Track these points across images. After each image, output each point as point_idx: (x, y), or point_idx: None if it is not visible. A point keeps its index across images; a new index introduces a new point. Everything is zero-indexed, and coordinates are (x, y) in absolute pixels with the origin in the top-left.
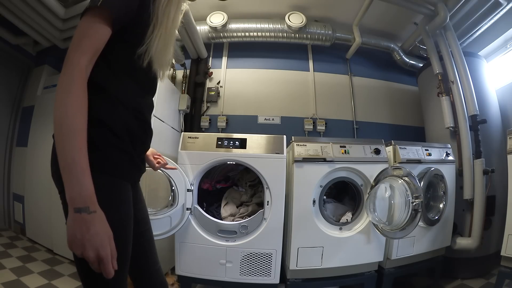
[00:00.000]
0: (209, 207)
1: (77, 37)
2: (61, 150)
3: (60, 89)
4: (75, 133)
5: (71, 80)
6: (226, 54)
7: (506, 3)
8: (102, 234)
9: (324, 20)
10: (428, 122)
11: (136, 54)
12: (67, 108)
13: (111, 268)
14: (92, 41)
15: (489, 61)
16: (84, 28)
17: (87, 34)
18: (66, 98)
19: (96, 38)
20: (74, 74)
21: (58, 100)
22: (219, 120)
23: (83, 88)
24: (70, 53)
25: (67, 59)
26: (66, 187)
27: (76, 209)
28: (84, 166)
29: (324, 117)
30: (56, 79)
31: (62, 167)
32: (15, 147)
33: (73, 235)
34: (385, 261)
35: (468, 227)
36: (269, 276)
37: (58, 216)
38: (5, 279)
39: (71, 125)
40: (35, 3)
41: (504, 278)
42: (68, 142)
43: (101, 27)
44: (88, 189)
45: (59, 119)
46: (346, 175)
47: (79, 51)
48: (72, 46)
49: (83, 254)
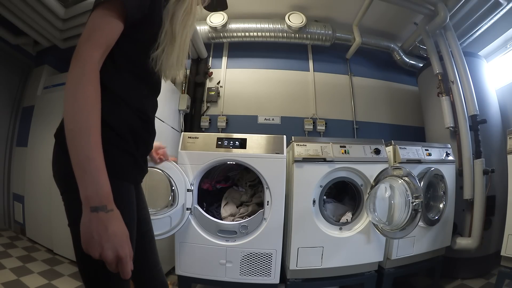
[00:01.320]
0: (209, 207)
1: (88, 30)
2: (74, 147)
3: (72, 84)
4: (90, 130)
5: (84, 74)
6: (226, 54)
7: (506, 3)
8: (120, 233)
9: (324, 20)
10: (428, 122)
11: (147, 56)
12: (81, 104)
13: (129, 269)
14: (105, 35)
15: (489, 61)
16: (96, 21)
17: (100, 27)
18: (79, 93)
19: (109, 32)
20: (86, 68)
21: (70, 95)
22: (219, 120)
23: (96, 83)
24: (81, 46)
25: (78, 52)
26: (81, 186)
27: (93, 208)
28: (100, 163)
29: (324, 117)
30: (56, 79)
31: (76, 164)
32: (15, 147)
33: (90, 235)
34: (385, 261)
35: (468, 227)
36: (269, 276)
37: (58, 216)
38: (5, 279)
39: (86, 121)
40: (35, 3)
41: (504, 278)
42: (83, 139)
43: (114, 21)
44: (105, 187)
45: (72, 115)
46: (346, 175)
47: (91, 44)
48: (83, 39)
49: (102, 255)
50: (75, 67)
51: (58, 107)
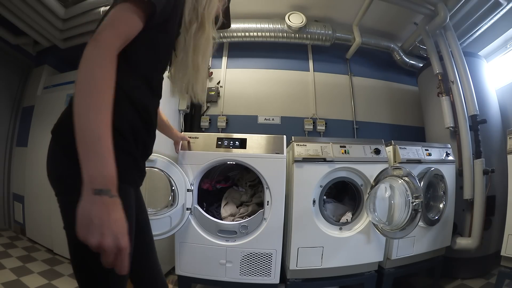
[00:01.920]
0: (209, 207)
1: (112, 19)
2: (83, 124)
3: (90, 63)
4: (104, 108)
5: (104, 57)
6: (226, 54)
7: (506, 3)
8: (122, 222)
9: (324, 20)
10: (428, 122)
11: (158, 60)
12: (98, 82)
13: (128, 263)
14: (128, 28)
15: (489, 61)
16: (122, 13)
17: (124, 20)
18: (98, 72)
19: (131, 26)
20: (107, 52)
21: (88, 72)
22: (219, 120)
23: (114, 68)
24: (103, 32)
25: (100, 36)
26: (86, 166)
27: (97, 190)
28: (109, 144)
29: (324, 117)
30: (56, 79)
31: (84, 142)
32: (15, 147)
33: (89, 220)
34: (385, 261)
35: (468, 227)
36: (269, 276)
37: (58, 216)
38: (5, 279)
39: (102, 99)
40: (35, 3)
41: (504, 278)
42: (95, 117)
43: (137, 18)
44: (111, 170)
45: (88, 92)
46: (346, 175)
47: (114, 32)
48: (107, 25)
49: (101, 243)
50: (96, 47)
51: (58, 107)
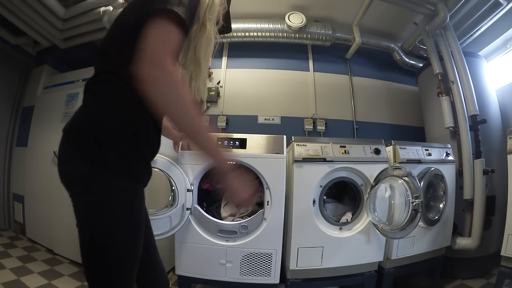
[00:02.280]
0: (209, 207)
1: (160, 38)
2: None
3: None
4: (198, 115)
5: (171, 75)
6: (226, 54)
7: (506, 3)
8: (245, 180)
9: (324, 20)
10: (428, 122)
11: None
12: (183, 97)
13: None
14: (175, 43)
15: (489, 61)
16: (165, 30)
17: (170, 37)
18: (179, 90)
19: (177, 41)
20: (174, 77)
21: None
22: (219, 120)
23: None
24: (157, 53)
25: (156, 56)
26: (216, 159)
27: (228, 172)
28: (214, 139)
29: (324, 117)
30: (56, 79)
31: (204, 145)
32: (15, 147)
33: (237, 188)
34: (385, 261)
35: (468, 227)
36: (269, 276)
37: (58, 216)
38: (5, 279)
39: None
40: (35, 3)
41: (504, 278)
42: (199, 123)
43: (178, 33)
44: (226, 156)
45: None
46: (346, 175)
47: (166, 50)
48: (157, 44)
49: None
50: (160, 71)
51: (58, 107)
